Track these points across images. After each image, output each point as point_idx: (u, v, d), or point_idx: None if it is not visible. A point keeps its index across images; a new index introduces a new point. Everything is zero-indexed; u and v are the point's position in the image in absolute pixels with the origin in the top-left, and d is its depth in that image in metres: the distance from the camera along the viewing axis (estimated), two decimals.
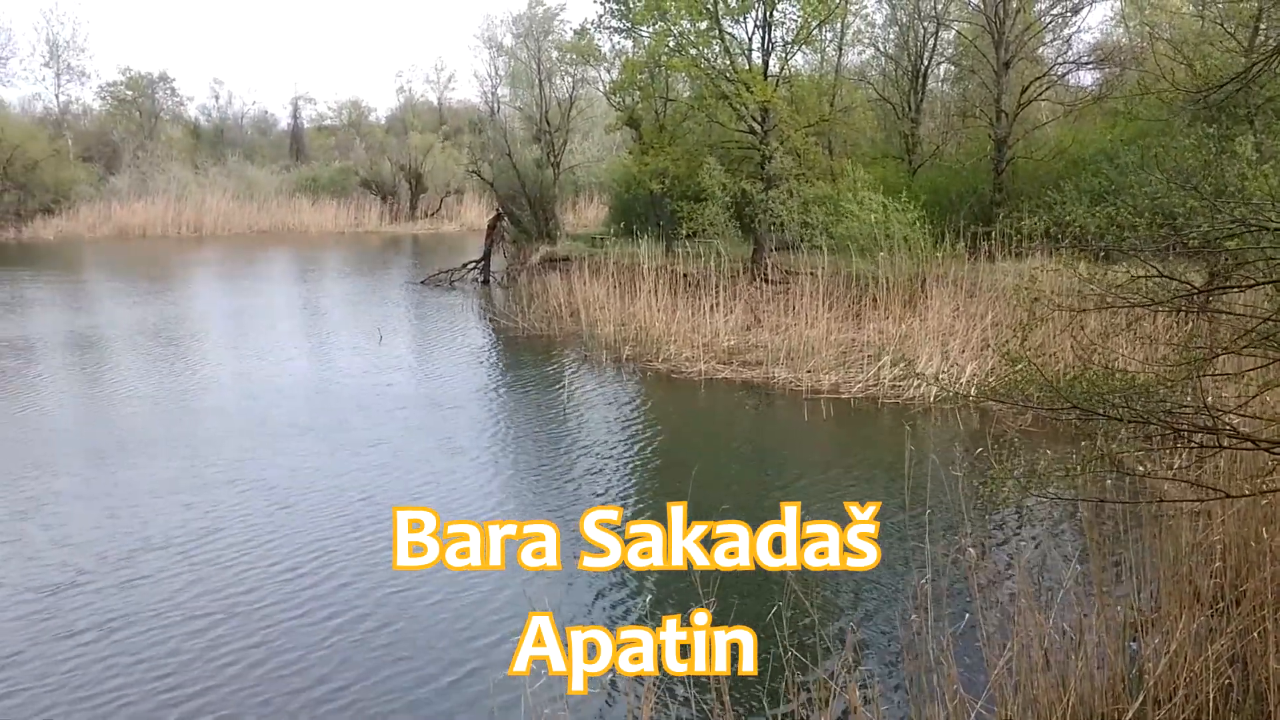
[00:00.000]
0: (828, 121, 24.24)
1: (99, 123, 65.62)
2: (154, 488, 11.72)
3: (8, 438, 14.21)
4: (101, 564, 9.43)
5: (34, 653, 7.72)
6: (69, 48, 63.98)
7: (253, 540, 10.02)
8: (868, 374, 16.48)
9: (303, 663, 7.56)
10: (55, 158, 57.14)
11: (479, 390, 17.41)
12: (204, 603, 8.56)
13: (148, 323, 24.83)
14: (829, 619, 8.04)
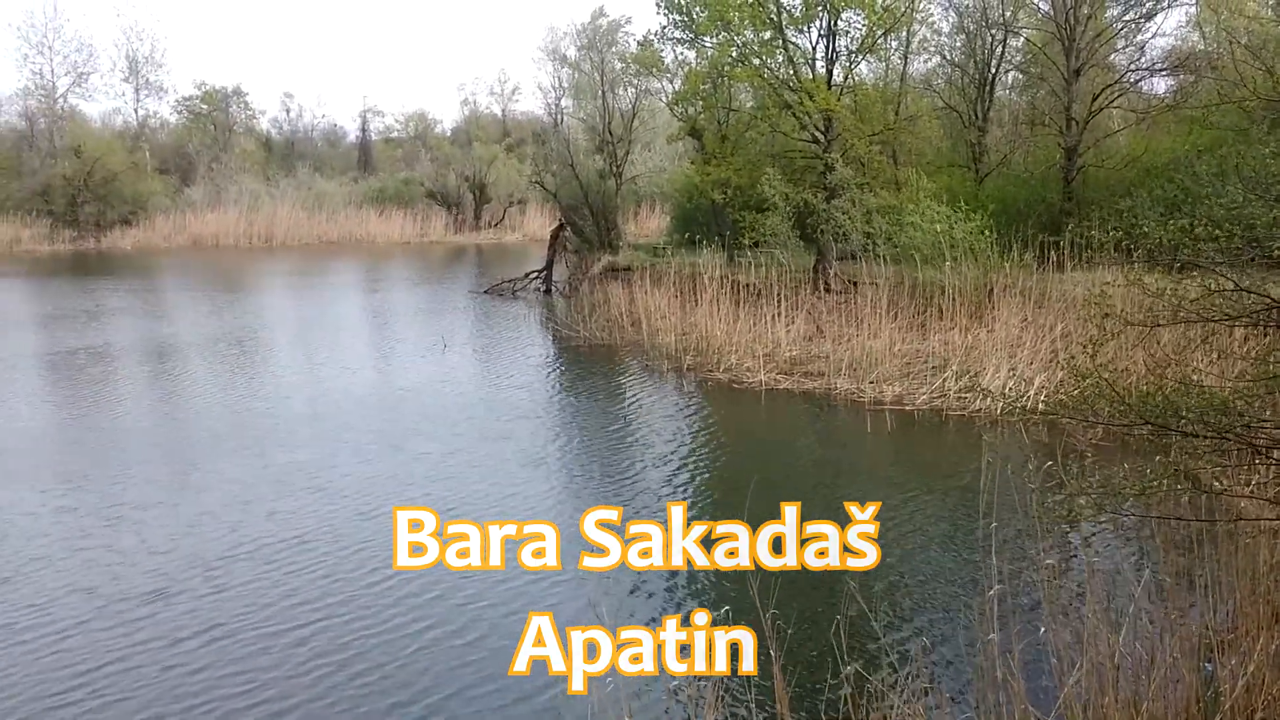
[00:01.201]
0: (892, 130, 24.00)
1: (175, 136, 67.34)
2: (238, 495, 11.89)
3: (94, 445, 14.56)
4: (193, 571, 9.54)
5: (131, 661, 7.78)
6: (148, 63, 65.87)
7: (341, 549, 10.10)
8: (932, 385, 16.25)
9: (399, 675, 7.55)
10: (133, 170, 58.72)
11: (543, 399, 17.50)
12: (298, 612, 8.61)
13: (223, 331, 25.37)
14: (894, 632, 7.93)
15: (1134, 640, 6.80)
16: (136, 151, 62.49)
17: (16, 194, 55.41)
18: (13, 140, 61.16)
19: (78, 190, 55.13)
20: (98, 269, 43.26)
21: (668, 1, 24.53)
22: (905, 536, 10.35)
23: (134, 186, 57.37)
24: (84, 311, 28.61)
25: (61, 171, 55.50)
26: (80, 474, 12.83)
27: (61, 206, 55.12)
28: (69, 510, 11.36)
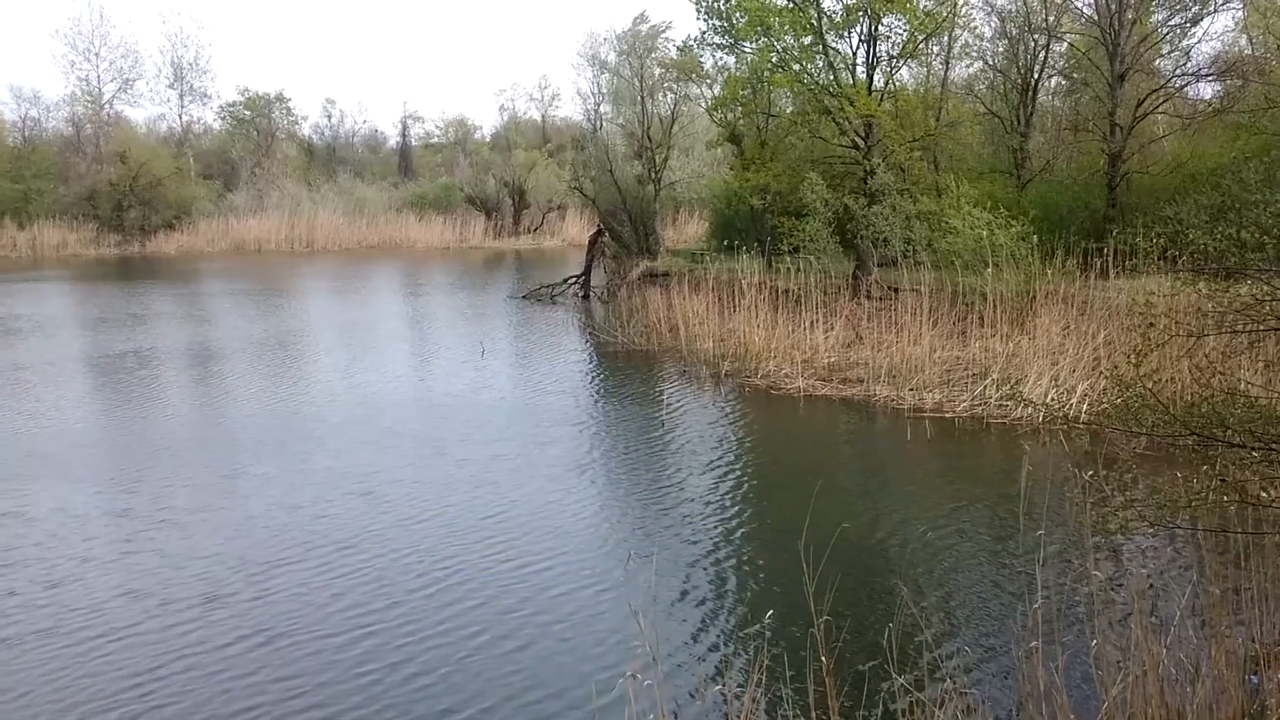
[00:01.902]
0: (933, 136, 23.88)
1: (219, 141, 68.30)
2: (284, 498, 12.01)
3: (142, 448, 14.75)
4: (242, 575, 9.60)
5: (182, 665, 7.82)
6: (192, 70, 66.84)
7: (388, 553, 10.14)
8: (973, 393, 16.14)
9: (450, 681, 7.58)
10: (178, 175, 59.61)
11: (582, 405, 17.56)
12: (347, 617, 8.64)
13: (266, 335, 25.73)
14: (939, 641, 7.89)
15: (1179, 652, 6.74)
16: (181, 157, 63.42)
17: (63, 199, 56.42)
18: (60, 146, 62.26)
19: (123, 195, 56.02)
20: (142, 273, 43.95)
21: (707, 7, 24.56)
22: (949, 545, 10.30)
23: (178, 192, 58.23)
24: (130, 315, 29.09)
25: (107, 177, 56.44)
26: (129, 477, 13.01)
27: (107, 211, 56.04)
28: (118, 513, 11.51)
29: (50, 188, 57.25)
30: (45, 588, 9.29)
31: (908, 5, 22.38)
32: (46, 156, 60.06)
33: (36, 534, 10.74)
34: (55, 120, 64.93)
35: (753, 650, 7.46)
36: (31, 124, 64.57)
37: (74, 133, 63.35)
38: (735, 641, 8.27)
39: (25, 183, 57.00)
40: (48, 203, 56.23)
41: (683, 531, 10.89)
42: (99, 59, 63.84)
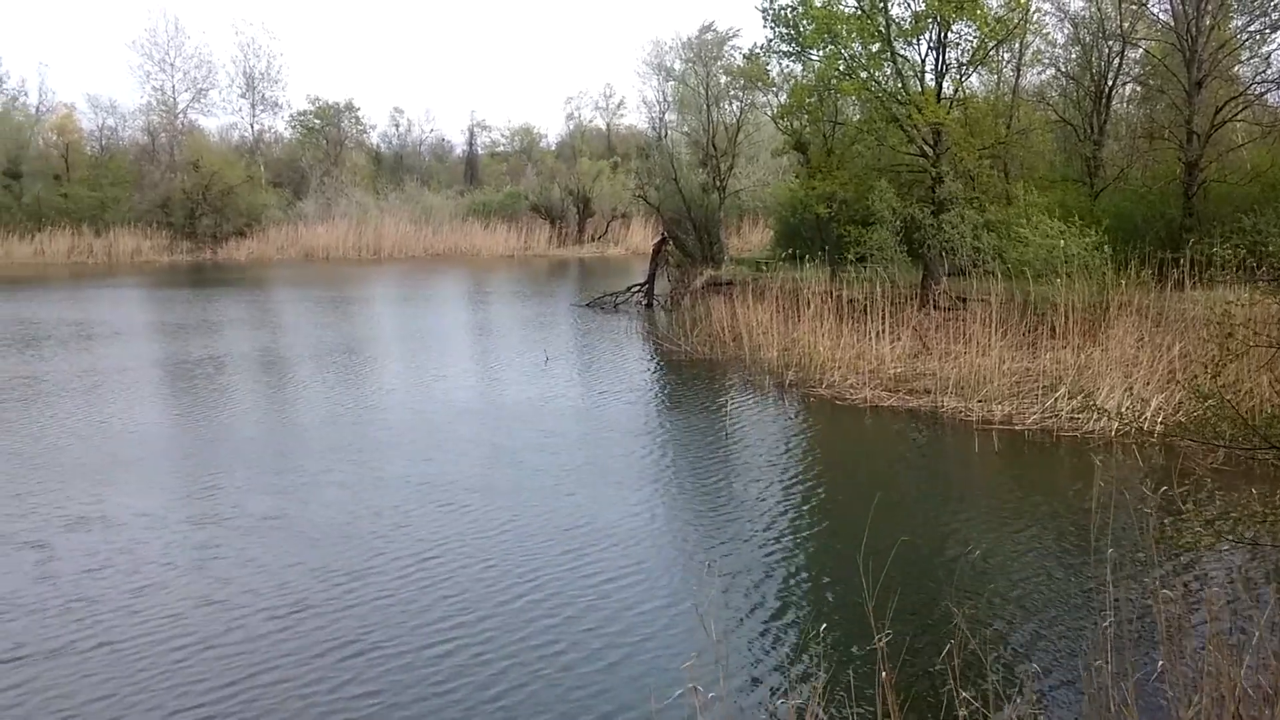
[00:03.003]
0: (1004, 144, 23.51)
1: (289, 150, 69.59)
2: (362, 506, 12.03)
3: (220, 454, 14.96)
4: (325, 585, 9.58)
5: (269, 676, 7.78)
6: (264, 79, 68.22)
7: (473, 564, 10.09)
8: (1043, 405, 15.81)
9: (541, 697, 7.49)
10: (249, 183, 60.86)
11: (648, 414, 17.54)
12: (435, 629, 8.57)
13: (336, 342, 26.14)
14: (1005, 658, 7.71)
15: (1256, 673, 6.50)
16: (252, 165, 64.73)
17: (138, 206, 57.91)
18: (135, 154, 63.91)
19: (196, 203, 57.36)
20: (214, 280, 44.88)
21: (774, 14, 24.46)
22: (1017, 560, 10.08)
23: (249, 199, 59.46)
24: (203, 322, 29.73)
25: (181, 185, 57.79)
26: (207, 482, 13.13)
27: (180, 219, 57.40)
28: (199, 519, 11.61)
29: (126, 195, 58.75)
30: (131, 593, 9.35)
31: (978, 12, 22.08)
32: (122, 165, 61.66)
33: (121, 539, 10.86)
34: (131, 129, 66.67)
35: (814, 663, 7.35)
36: (108, 133, 66.34)
37: (149, 141, 64.98)
38: (796, 653, 8.17)
39: (102, 190, 58.58)
40: (123, 210, 57.72)
41: (745, 541, 10.80)
42: (174, 69, 65.51)
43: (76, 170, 60.46)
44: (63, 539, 10.82)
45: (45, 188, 58.22)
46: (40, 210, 56.85)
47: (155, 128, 65.19)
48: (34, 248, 55.65)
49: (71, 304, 35.74)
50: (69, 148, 61.78)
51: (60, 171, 60.01)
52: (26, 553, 10.40)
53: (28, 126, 63.52)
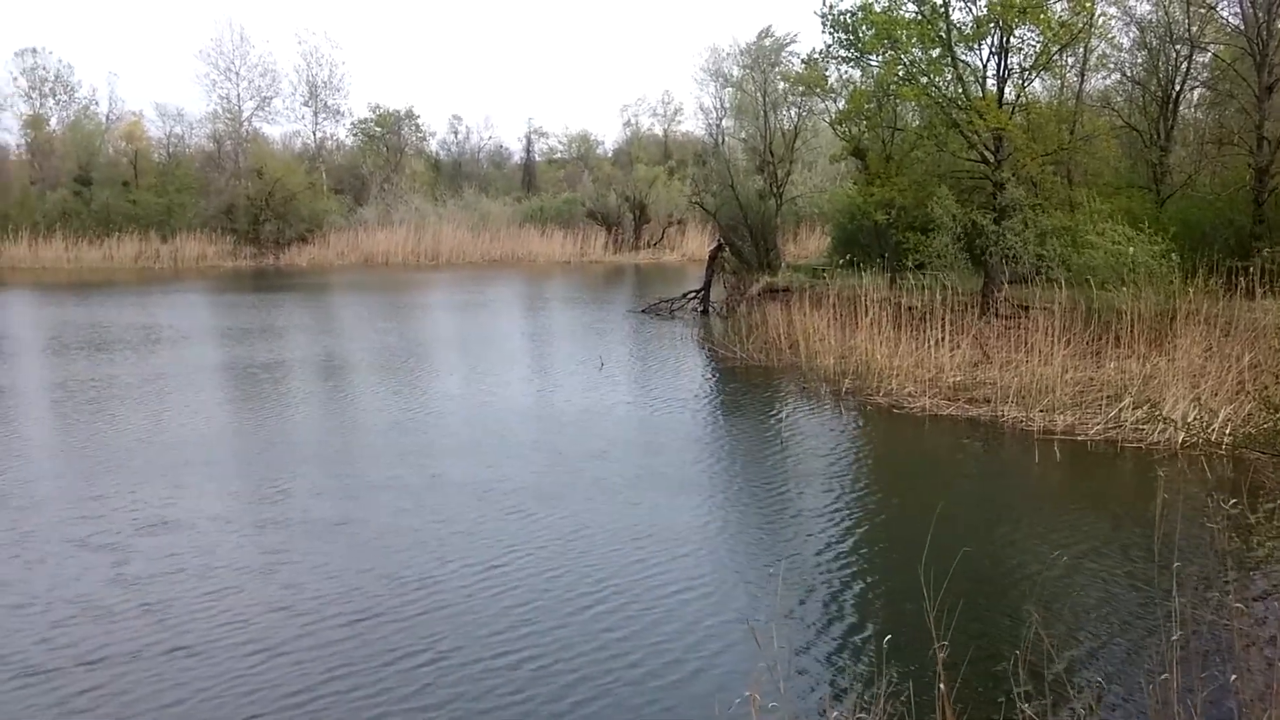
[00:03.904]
0: (1067, 150, 23.14)
1: (350, 157, 70.58)
2: (429, 512, 12.04)
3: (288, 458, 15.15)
4: (395, 592, 9.57)
5: (340, 684, 7.75)
6: (326, 88, 69.15)
7: (543, 571, 10.07)
8: (1107, 415, 15.51)
9: (622, 704, 7.49)
10: (311, 190, 61.80)
11: (702, 420, 17.51)
12: (504, 638, 8.54)
13: (397, 347, 26.48)
14: (1068, 671, 7.57)
15: None
16: (314, 172, 65.71)
17: (204, 212, 59.04)
18: (201, 161, 65.15)
19: (260, 209, 58.35)
20: (277, 285, 45.62)
21: (833, 20, 24.33)
22: (1078, 572, 9.89)
23: (311, 206, 60.37)
24: (267, 327, 30.25)
25: (245, 191, 58.84)
26: (276, 487, 13.24)
27: (244, 224, 58.42)
28: (269, 523, 11.71)
29: (191, 202, 59.94)
30: (205, 596, 9.44)
31: (1041, 16, 21.76)
32: (188, 172, 62.95)
33: (193, 542, 10.98)
34: (197, 137, 67.95)
35: (874, 673, 7.26)
36: (175, 140, 67.75)
37: (214, 149, 66.18)
38: (856, 663, 8.08)
39: (168, 197, 59.85)
40: (189, 216, 58.90)
41: (804, 550, 10.73)
42: (239, 78, 66.64)
43: (144, 177, 61.87)
44: (137, 541, 10.98)
45: (114, 194, 59.63)
46: (109, 216, 58.23)
47: (220, 135, 66.43)
48: (103, 252, 57.00)
49: (139, 308, 36.54)
50: (137, 155, 63.30)
51: (129, 178, 61.46)
52: (103, 554, 10.57)
53: (98, 134, 65.17)
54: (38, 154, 64.98)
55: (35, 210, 58.29)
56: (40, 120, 65.95)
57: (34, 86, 66.58)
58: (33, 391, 20.43)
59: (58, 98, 67.40)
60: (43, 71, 66.78)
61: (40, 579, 9.88)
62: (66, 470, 14.10)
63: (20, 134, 66.74)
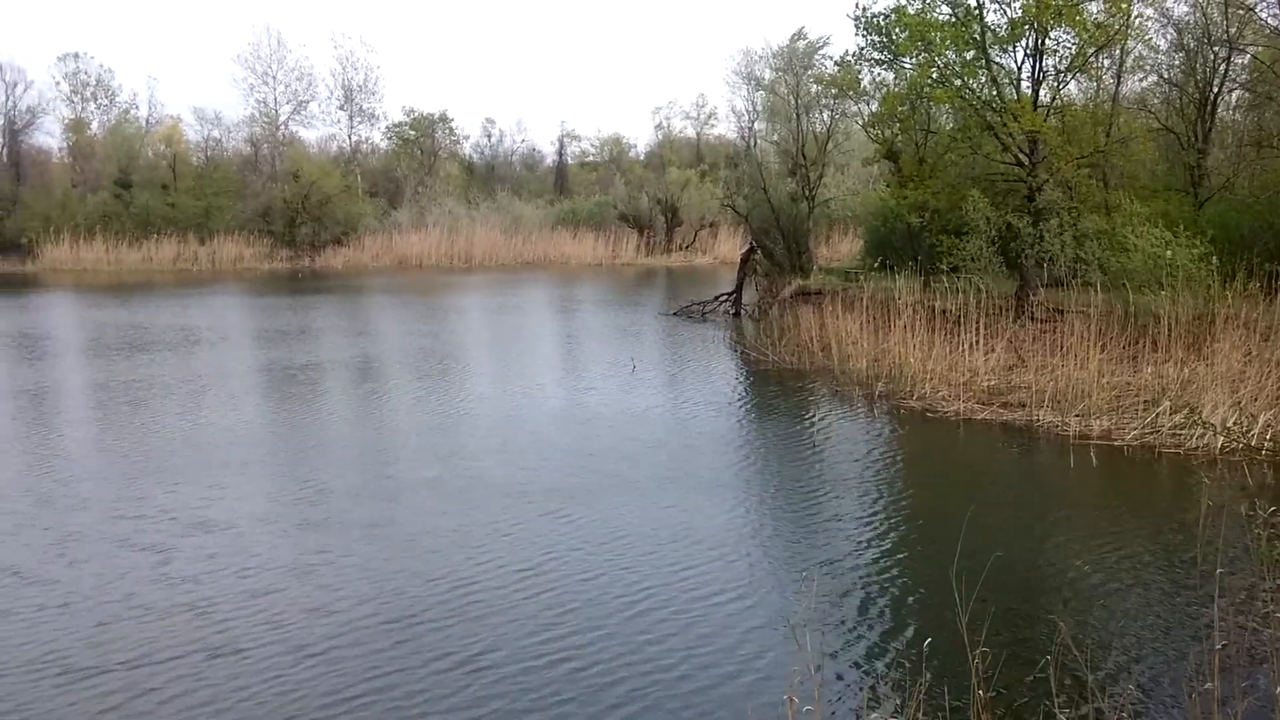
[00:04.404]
0: (1103, 153, 22.93)
1: (384, 160, 71.06)
2: (467, 515, 12.07)
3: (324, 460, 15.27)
4: (433, 594, 9.57)
5: (378, 685, 7.75)
6: (361, 91, 69.77)
7: (576, 574, 10.08)
8: (1144, 420, 15.36)
9: (665, 708, 7.48)
10: (346, 193, 62.31)
11: (733, 423, 17.54)
12: (541, 640, 8.54)
13: (432, 349, 26.66)
14: (1105, 679, 7.51)
15: None
16: (349, 175, 66.25)
17: (241, 215, 59.68)
18: (238, 164, 65.94)
19: (296, 212, 58.90)
20: (312, 287, 46.03)
21: (866, 22, 24.26)
22: (1114, 579, 9.81)
23: (346, 208, 60.87)
24: (303, 328, 30.55)
25: (281, 194, 59.43)
26: (314, 487, 13.32)
27: (280, 227, 59.01)
28: (307, 524, 11.78)
29: (229, 204, 60.59)
30: (246, 596, 9.53)
31: (1077, 18, 21.59)
32: (226, 175, 63.65)
33: (233, 542, 11.07)
34: (235, 140, 68.79)
35: (908, 678, 7.25)
36: (213, 144, 68.56)
37: (251, 152, 66.99)
38: (891, 668, 8.06)
39: (206, 199, 60.54)
40: (226, 219, 59.53)
41: (837, 554, 10.72)
42: (275, 82, 67.44)
43: (183, 180, 62.60)
44: (178, 541, 11.09)
45: (153, 197, 60.38)
46: (148, 218, 58.98)
47: (257, 139, 67.20)
48: (142, 254, 57.78)
49: (178, 310, 37.01)
50: (176, 158, 64.06)
51: (167, 181, 62.22)
52: (146, 554, 10.70)
53: (138, 138, 66.05)
54: (79, 157, 65.98)
55: (77, 212, 59.14)
56: (82, 124, 66.98)
57: (76, 91, 67.70)
58: (76, 392, 20.75)
59: (99, 102, 68.54)
60: (84, 76, 67.92)
61: (85, 579, 10.01)
62: (109, 470, 14.29)
63: (62, 137, 68.01)
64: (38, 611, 9.19)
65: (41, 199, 60.78)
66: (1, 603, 9.39)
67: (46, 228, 57.78)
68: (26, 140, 66.58)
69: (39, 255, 57.46)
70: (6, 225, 59.38)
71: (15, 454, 15.38)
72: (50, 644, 8.49)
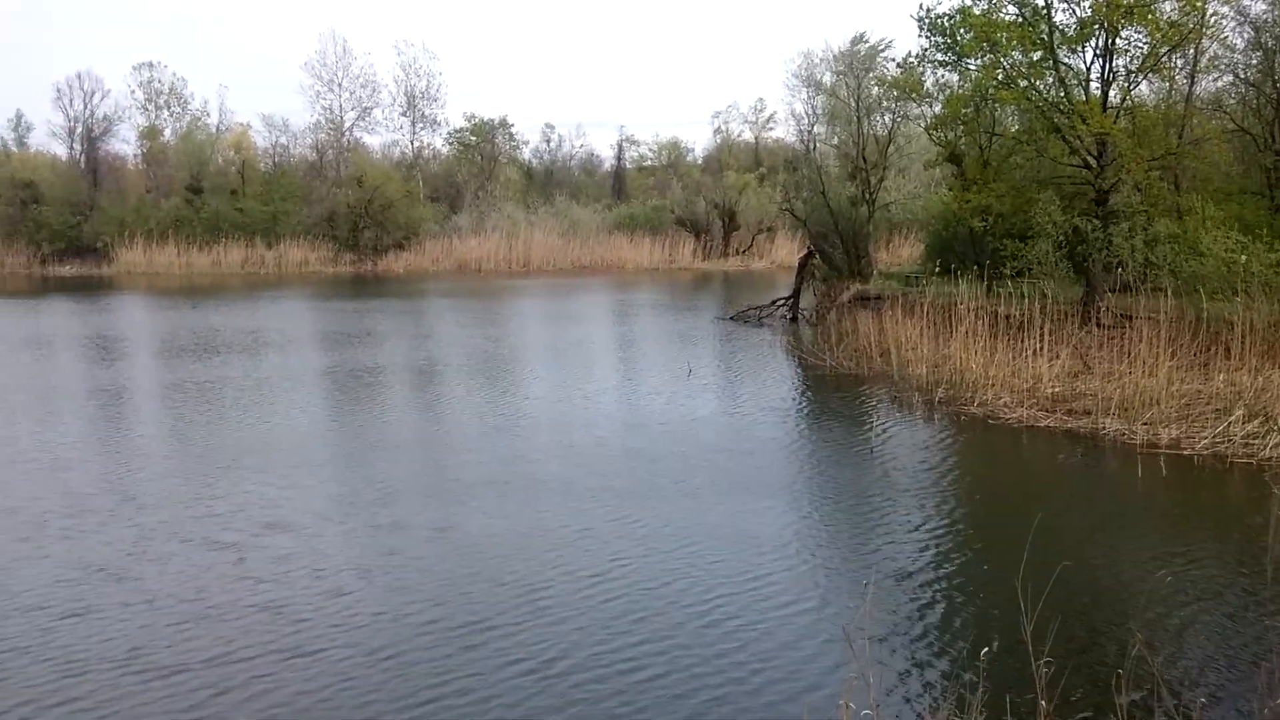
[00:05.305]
0: (1175, 154, 22.39)
1: (445, 166, 71.85)
2: (533, 518, 12.06)
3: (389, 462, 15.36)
4: (504, 599, 9.56)
5: (452, 689, 7.75)
6: (424, 98, 70.58)
7: (644, 580, 10.02)
8: (1215, 429, 14.96)
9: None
10: (408, 198, 63.08)
11: (790, 428, 17.41)
12: (610, 646, 8.49)
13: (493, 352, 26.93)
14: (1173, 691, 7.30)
15: None
16: (411, 180, 67.03)
17: (306, 220, 60.66)
18: (304, 170, 67.10)
19: (359, 217, 59.72)
20: (375, 291, 46.64)
21: (930, 23, 23.96)
22: (1183, 591, 9.54)
23: (408, 213, 61.62)
24: (367, 332, 30.93)
25: (345, 199, 60.30)
26: (382, 490, 13.37)
27: (344, 232, 59.87)
28: (377, 527, 11.82)
29: (295, 209, 61.65)
30: (320, 597, 9.61)
31: (1149, 17, 21.11)
32: (292, 180, 64.80)
33: (306, 544, 11.18)
34: (301, 146, 70.06)
35: (969, 687, 7.11)
36: (280, 150, 69.91)
37: (317, 158, 68.12)
38: (950, 676, 7.91)
39: (273, 205, 61.67)
40: (292, 224, 60.60)
41: (898, 560, 10.57)
42: (341, 89, 68.52)
43: (251, 185, 63.86)
44: (252, 540, 11.22)
45: (223, 202, 61.69)
46: (218, 223, 60.28)
47: (323, 145, 68.32)
48: (212, 258, 59.10)
49: (247, 312, 37.73)
50: (244, 164, 65.37)
51: (236, 186, 63.51)
52: (221, 553, 10.83)
53: (208, 145, 67.46)
54: (153, 163, 67.61)
55: (150, 217, 60.66)
56: (155, 131, 68.56)
57: (150, 99, 69.35)
58: (152, 392, 21.23)
59: (172, 110, 70.12)
60: (158, 85, 69.54)
61: (166, 577, 10.16)
62: (186, 469, 14.55)
63: (137, 144, 69.72)
64: (121, 609, 9.35)
65: (117, 204, 62.49)
66: (88, 599, 9.57)
67: (121, 232, 59.42)
68: (103, 147, 68.58)
69: (114, 258, 59.19)
70: (84, 229, 61.16)
71: (98, 452, 15.77)
72: (133, 642, 8.62)
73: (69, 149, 68.40)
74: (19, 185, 62.34)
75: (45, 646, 8.53)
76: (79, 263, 60.52)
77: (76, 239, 61.46)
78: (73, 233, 61.44)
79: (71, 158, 68.10)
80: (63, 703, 7.58)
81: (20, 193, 62.00)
